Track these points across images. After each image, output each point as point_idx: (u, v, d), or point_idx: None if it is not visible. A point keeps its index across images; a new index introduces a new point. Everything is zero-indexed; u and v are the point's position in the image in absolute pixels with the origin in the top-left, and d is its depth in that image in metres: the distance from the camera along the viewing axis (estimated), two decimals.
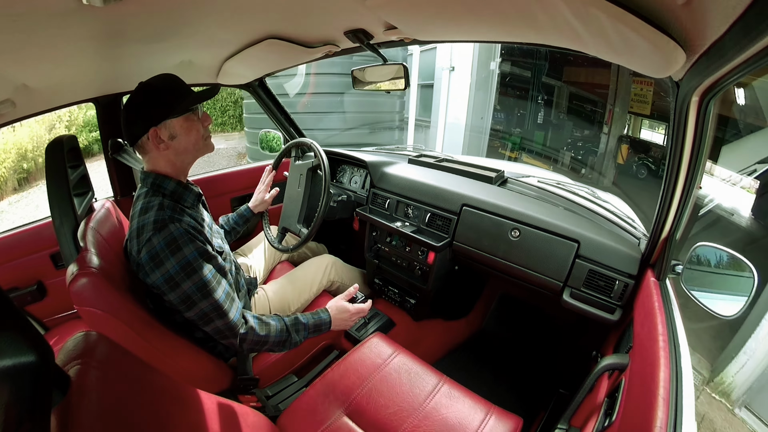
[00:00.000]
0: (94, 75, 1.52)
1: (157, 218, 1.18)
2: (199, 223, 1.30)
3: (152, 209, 1.20)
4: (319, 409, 1.30)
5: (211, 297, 1.21)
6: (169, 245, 1.16)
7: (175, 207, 1.24)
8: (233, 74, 1.97)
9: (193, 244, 1.20)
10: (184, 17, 1.13)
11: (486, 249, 1.73)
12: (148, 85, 1.24)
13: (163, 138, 1.25)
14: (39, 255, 1.88)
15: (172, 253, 1.16)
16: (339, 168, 2.43)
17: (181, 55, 1.54)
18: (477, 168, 2.11)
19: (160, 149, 1.26)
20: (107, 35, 1.11)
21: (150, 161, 1.29)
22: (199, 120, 1.32)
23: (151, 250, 1.16)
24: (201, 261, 1.21)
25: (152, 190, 1.27)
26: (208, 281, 1.21)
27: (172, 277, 1.17)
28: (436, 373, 1.41)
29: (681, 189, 1.12)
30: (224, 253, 1.44)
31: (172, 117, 1.25)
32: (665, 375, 0.84)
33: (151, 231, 1.16)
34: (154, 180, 1.28)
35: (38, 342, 0.53)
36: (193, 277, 1.18)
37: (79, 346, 0.68)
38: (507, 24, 1.11)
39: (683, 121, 1.02)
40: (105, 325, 1.09)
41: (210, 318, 1.23)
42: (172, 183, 1.29)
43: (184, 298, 1.19)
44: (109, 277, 1.12)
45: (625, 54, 0.95)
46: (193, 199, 1.35)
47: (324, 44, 1.55)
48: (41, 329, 1.91)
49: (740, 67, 0.74)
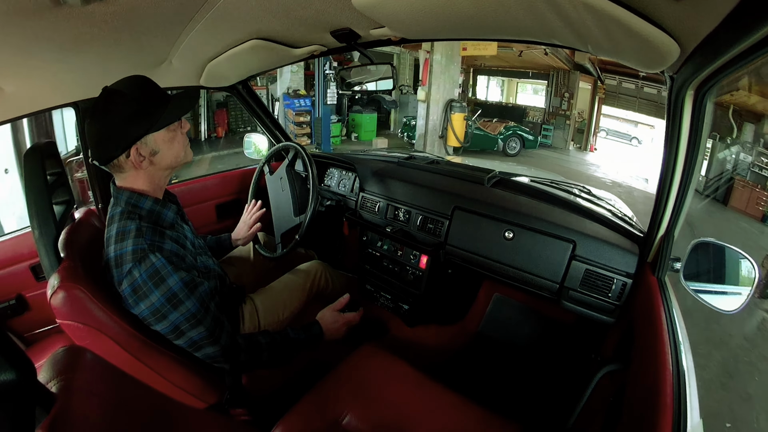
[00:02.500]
0: (73, 78, 1.50)
1: (135, 247, 1.12)
2: (182, 245, 1.26)
3: (129, 236, 1.14)
4: (313, 422, 1.29)
5: (200, 326, 1.19)
6: (152, 277, 1.11)
7: (154, 230, 1.19)
8: (217, 76, 1.95)
9: (178, 274, 1.16)
10: (166, 18, 1.12)
11: (479, 251, 1.73)
12: (118, 94, 1.12)
13: (144, 155, 1.17)
14: (18, 267, 1.84)
15: (155, 285, 1.12)
16: (327, 172, 2.42)
17: (163, 56, 1.53)
18: (469, 169, 2.11)
19: (141, 167, 1.18)
20: (87, 36, 1.10)
21: (126, 179, 1.21)
22: (180, 128, 1.24)
23: (132, 282, 1.11)
24: (187, 291, 1.17)
25: (127, 211, 1.18)
26: (197, 311, 1.18)
27: (158, 310, 1.13)
28: (432, 382, 1.40)
29: (678, 185, 1.13)
30: (209, 270, 1.42)
31: (153, 131, 1.16)
32: (668, 374, 0.84)
33: (131, 263, 1.11)
34: (129, 198, 1.19)
35: (19, 358, 0.52)
36: (180, 308, 1.15)
37: (63, 361, 0.67)
38: (497, 22, 1.11)
39: (678, 116, 1.03)
40: (89, 339, 1.07)
41: (200, 345, 1.21)
42: (149, 202, 1.22)
43: (172, 328, 1.16)
44: (92, 289, 1.09)
45: (619, 49, 0.96)
46: (172, 218, 1.29)
47: (310, 44, 1.55)
48: (22, 345, 1.88)
49: (735, 60, 0.75)
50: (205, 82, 2.00)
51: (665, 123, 1.10)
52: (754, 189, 8.82)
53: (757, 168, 9.23)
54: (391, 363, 1.46)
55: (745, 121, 9.84)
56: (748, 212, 8.60)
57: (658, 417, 0.75)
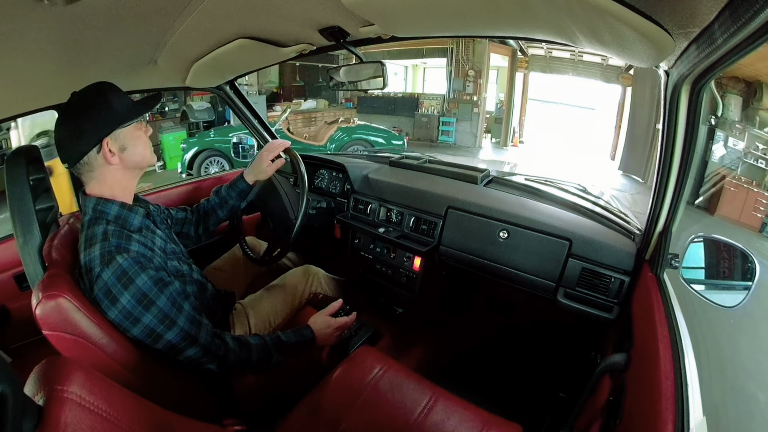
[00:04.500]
0: (55, 80, 1.48)
1: (102, 251, 1.14)
2: (150, 248, 1.26)
3: (96, 241, 1.15)
4: (307, 430, 1.28)
5: (174, 327, 1.19)
6: (120, 279, 1.12)
7: (121, 234, 1.20)
8: (203, 77, 1.94)
9: (146, 273, 1.17)
10: (150, 17, 1.11)
11: (474, 252, 1.73)
12: (86, 93, 1.19)
13: (113, 150, 1.20)
14: (1, 276, 1.82)
15: (124, 286, 1.12)
16: (317, 173, 2.41)
17: (147, 57, 1.52)
18: (461, 168, 2.11)
19: (111, 163, 1.21)
20: (69, 38, 1.09)
21: (95, 180, 1.23)
22: (145, 131, 1.29)
23: (102, 287, 1.11)
24: (156, 290, 1.18)
25: (94, 218, 1.21)
26: (169, 310, 1.18)
27: (130, 313, 1.13)
28: (429, 385, 1.40)
29: (675, 180, 1.14)
30: (184, 275, 1.41)
31: (122, 126, 1.20)
32: (668, 372, 0.84)
33: (99, 266, 1.12)
34: (95, 205, 1.21)
35: (4, 371, 0.51)
36: (151, 309, 1.16)
37: (50, 373, 0.67)
38: (488, 18, 1.12)
39: (674, 111, 1.03)
40: (76, 350, 1.05)
41: (180, 348, 1.21)
42: (115, 206, 1.23)
43: (148, 332, 1.16)
44: (79, 299, 1.08)
45: (614, 45, 0.97)
46: (139, 222, 1.29)
47: (298, 43, 1.55)
48: (6, 357, 1.86)
49: (731, 53, 0.75)
50: (191, 82, 1.99)
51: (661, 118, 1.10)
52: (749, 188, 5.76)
53: (753, 158, 5.90)
54: (388, 366, 1.46)
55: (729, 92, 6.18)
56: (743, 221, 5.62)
57: (660, 415, 0.76)
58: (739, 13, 0.61)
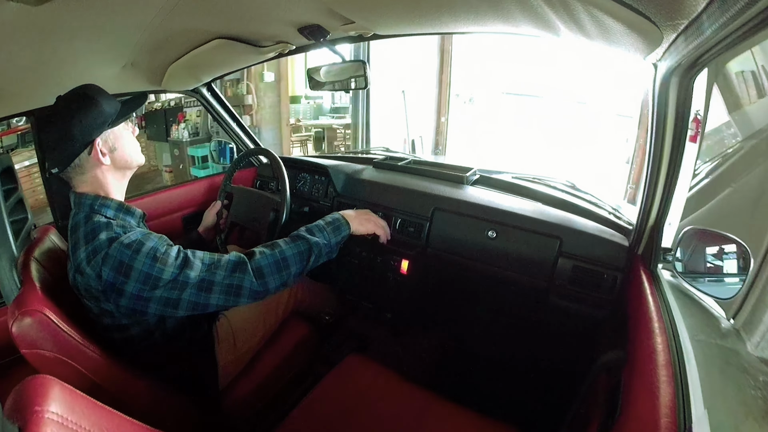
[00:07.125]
0: (28, 85, 1.46)
1: (109, 236, 1.13)
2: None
3: (99, 230, 1.15)
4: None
5: (195, 264, 1.18)
6: (130, 246, 1.12)
7: (123, 226, 1.20)
8: (180, 79, 1.93)
9: (152, 239, 1.17)
10: (123, 19, 1.10)
11: (462, 253, 1.74)
12: (73, 96, 1.19)
13: (104, 151, 1.21)
14: None
15: (136, 252, 1.12)
16: (298, 177, 2.38)
17: (123, 59, 1.50)
18: (447, 168, 2.11)
19: (103, 163, 1.21)
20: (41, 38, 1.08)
21: (86, 183, 1.23)
22: (132, 130, 1.32)
23: (113, 263, 1.10)
24: (167, 246, 1.18)
25: (91, 213, 1.20)
26: (185, 255, 1.19)
27: (149, 274, 1.12)
28: (422, 391, 1.40)
29: (665, 174, 1.16)
30: None
31: (111, 126, 1.22)
32: (667, 366, 0.85)
33: (106, 248, 1.11)
34: (93, 202, 1.21)
35: None
36: (168, 261, 1.14)
37: (29, 392, 0.65)
38: (472, 13, 1.12)
39: (663, 104, 1.05)
40: (56, 368, 1.03)
41: (210, 283, 1.19)
42: (114, 204, 1.24)
43: (171, 286, 1.14)
44: (58, 314, 1.06)
45: (600, 38, 0.98)
46: (137, 222, 1.30)
47: (277, 43, 1.54)
48: None
49: (719, 44, 0.76)
50: (167, 85, 1.97)
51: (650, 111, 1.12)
52: None
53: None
54: (379, 373, 1.46)
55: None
56: None
57: (659, 412, 0.76)
58: (728, 3, 0.62)
